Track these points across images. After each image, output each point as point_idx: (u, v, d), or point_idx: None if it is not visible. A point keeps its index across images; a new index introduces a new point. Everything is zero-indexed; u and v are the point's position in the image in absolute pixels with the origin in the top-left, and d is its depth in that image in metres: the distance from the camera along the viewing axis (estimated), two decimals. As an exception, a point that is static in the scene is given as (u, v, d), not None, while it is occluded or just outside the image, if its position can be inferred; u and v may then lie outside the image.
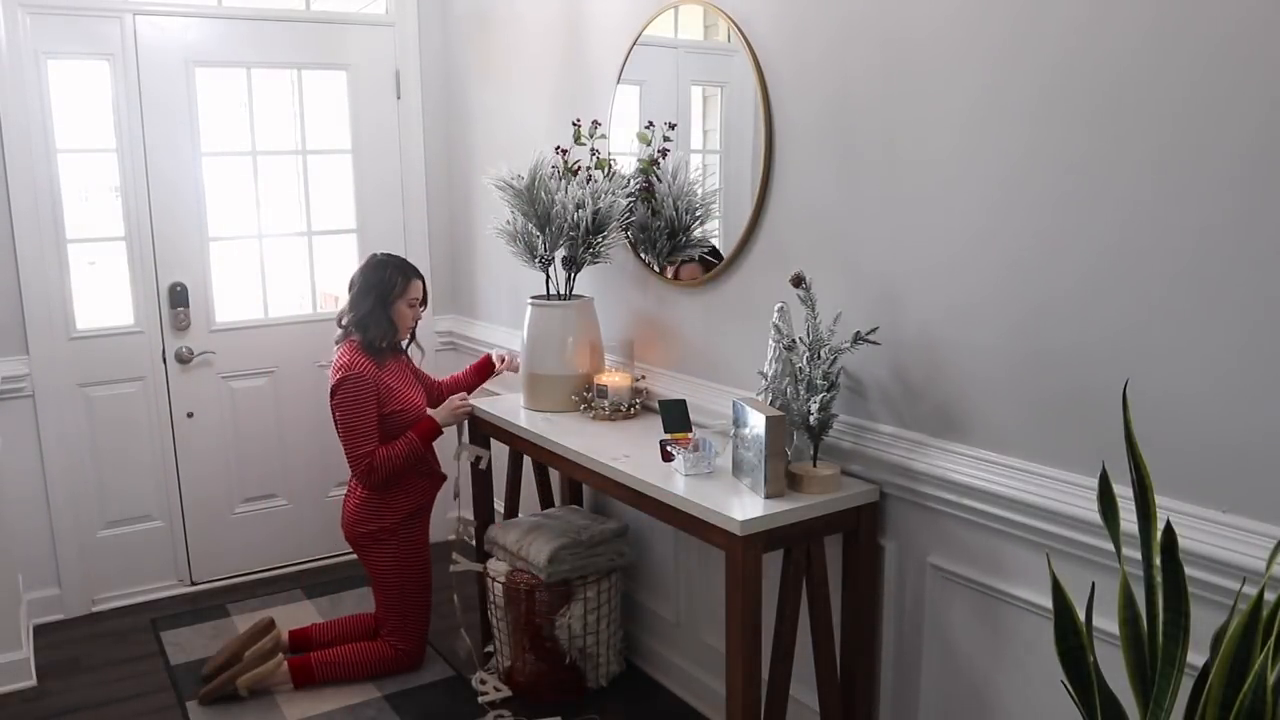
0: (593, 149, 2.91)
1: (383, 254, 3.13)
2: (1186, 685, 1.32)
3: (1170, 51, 1.58)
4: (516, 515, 3.30)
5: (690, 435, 2.42)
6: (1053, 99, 1.77)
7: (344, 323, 3.07)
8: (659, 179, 2.81)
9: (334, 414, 2.98)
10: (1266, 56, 1.46)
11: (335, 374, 2.97)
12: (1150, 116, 1.62)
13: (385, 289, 3.02)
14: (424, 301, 3.14)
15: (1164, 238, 1.63)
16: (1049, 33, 1.77)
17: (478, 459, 3.11)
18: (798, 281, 2.14)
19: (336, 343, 3.09)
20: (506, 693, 2.99)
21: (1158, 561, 1.32)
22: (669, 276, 2.86)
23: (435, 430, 3.06)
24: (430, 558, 3.18)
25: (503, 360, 3.29)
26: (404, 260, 3.12)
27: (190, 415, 3.76)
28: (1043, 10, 1.77)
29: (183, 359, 3.71)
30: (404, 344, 3.17)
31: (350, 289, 3.08)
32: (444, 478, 3.19)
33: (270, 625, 3.21)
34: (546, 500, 3.36)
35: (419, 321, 3.16)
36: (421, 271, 3.14)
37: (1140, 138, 1.64)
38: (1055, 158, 1.78)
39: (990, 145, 1.89)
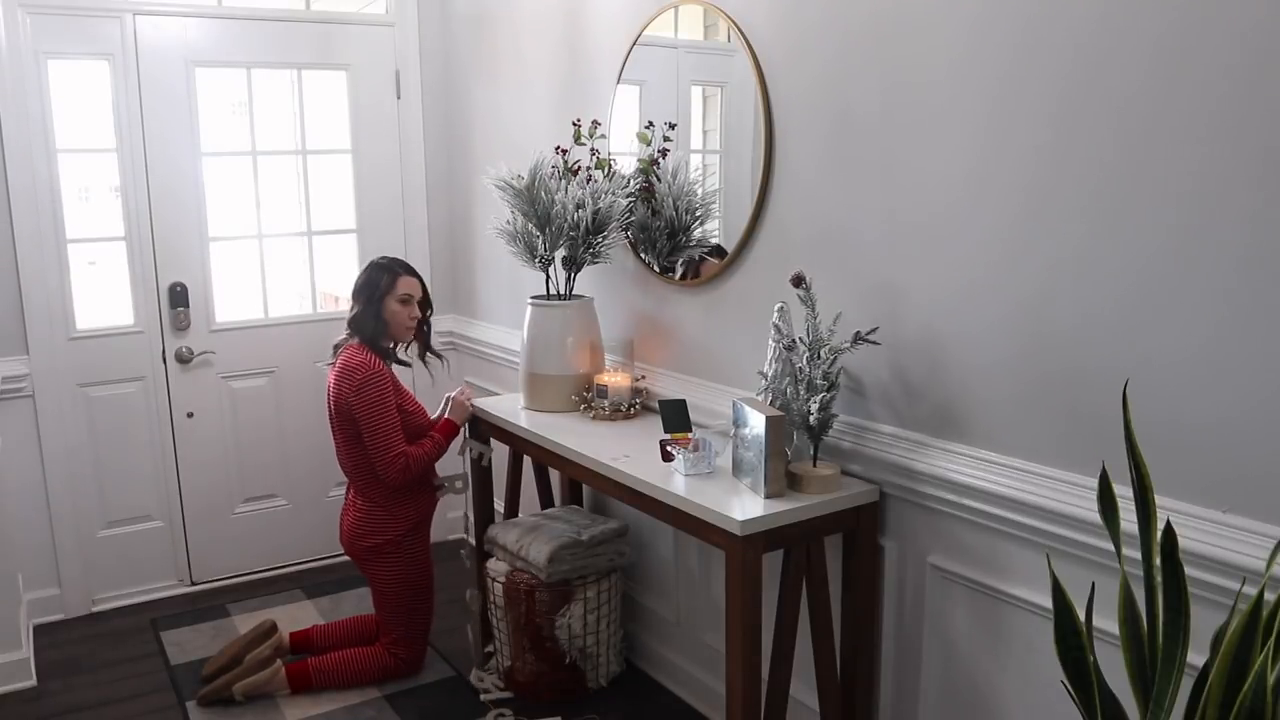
0: (593, 149, 2.91)
1: (379, 257, 3.12)
2: (1186, 685, 1.32)
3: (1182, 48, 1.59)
4: (516, 515, 3.30)
5: (690, 435, 2.41)
6: (1070, 97, 1.77)
7: (347, 326, 3.05)
8: (659, 179, 2.81)
9: (356, 415, 2.91)
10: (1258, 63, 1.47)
11: (351, 375, 2.90)
12: (1171, 116, 1.62)
13: (373, 288, 3.00)
14: (427, 302, 3.10)
15: (1168, 239, 1.63)
16: (1058, 36, 1.77)
17: (480, 455, 3.11)
18: (798, 281, 2.14)
19: (337, 346, 3.04)
20: (506, 694, 2.99)
21: (1158, 561, 1.32)
22: (678, 279, 2.84)
23: (456, 429, 3.07)
24: (433, 567, 3.17)
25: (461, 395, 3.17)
26: (395, 259, 3.09)
27: (190, 415, 3.76)
28: (1050, 13, 1.77)
29: (183, 359, 3.71)
30: (407, 348, 3.11)
31: (351, 294, 3.09)
32: (441, 488, 3.17)
33: (272, 629, 3.20)
34: (546, 500, 3.36)
35: (421, 323, 3.08)
36: (417, 270, 3.10)
37: (1158, 136, 1.64)
38: (1063, 161, 1.78)
39: (997, 146, 1.89)
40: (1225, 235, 1.55)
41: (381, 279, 3.01)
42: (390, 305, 3.01)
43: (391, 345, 3.06)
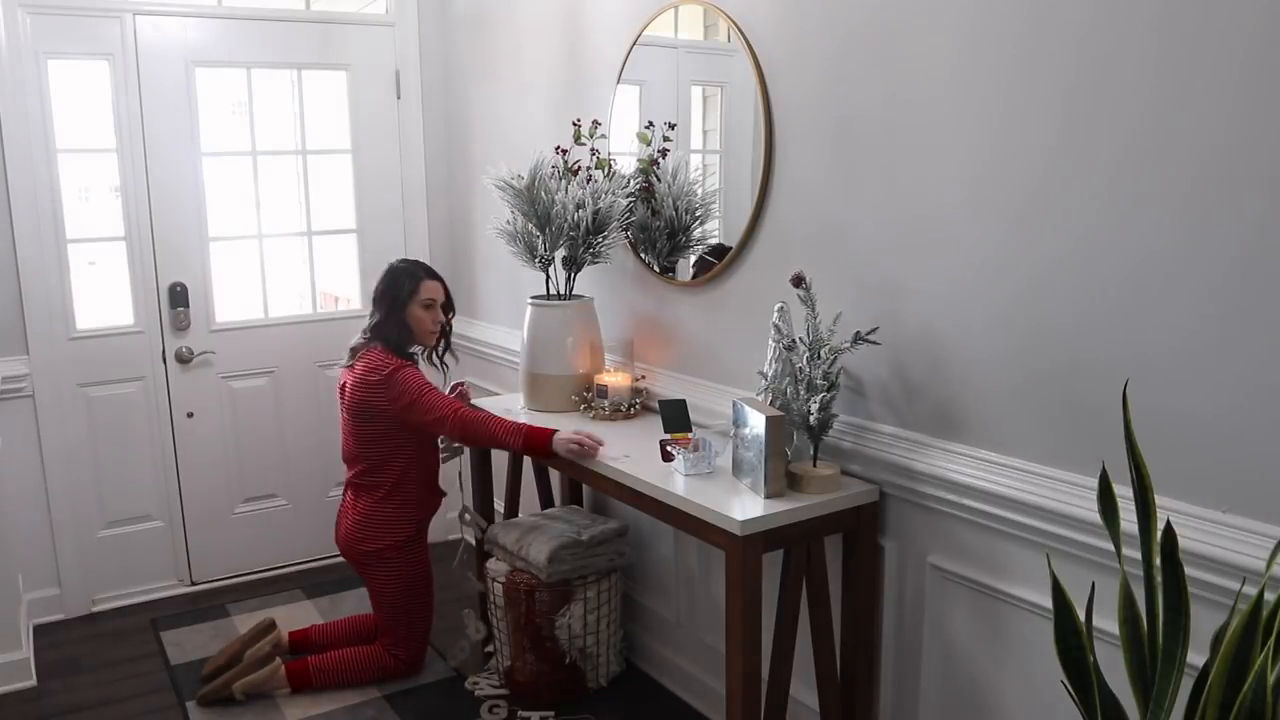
0: (593, 149, 2.91)
1: (398, 260, 3.06)
2: (1186, 685, 1.32)
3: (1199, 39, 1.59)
4: (516, 515, 3.30)
5: (690, 435, 2.42)
6: (1073, 98, 1.77)
7: (366, 332, 2.99)
8: (659, 179, 2.81)
9: (398, 410, 2.83)
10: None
11: (373, 375, 2.85)
12: (1173, 115, 1.62)
13: (396, 294, 2.95)
14: (449, 305, 3.05)
15: (1166, 239, 1.63)
16: (1058, 34, 1.77)
17: (481, 527, 3.11)
18: (798, 281, 2.14)
19: (355, 349, 2.98)
20: (503, 693, 3.00)
21: (1158, 561, 1.32)
22: (690, 279, 2.82)
23: (544, 448, 2.62)
24: (433, 568, 3.15)
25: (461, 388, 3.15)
26: (417, 263, 3.05)
27: (190, 415, 3.76)
28: (1051, 12, 1.77)
29: (183, 359, 3.71)
30: (431, 352, 3.07)
31: (371, 299, 3.02)
32: (444, 494, 3.16)
33: (271, 626, 3.20)
34: (546, 500, 3.36)
35: (445, 325, 3.05)
36: (439, 274, 3.07)
37: (1159, 136, 1.64)
38: (1062, 159, 1.78)
39: (996, 144, 1.89)
40: (1224, 234, 1.55)
41: (404, 285, 2.96)
42: (414, 311, 2.96)
43: (417, 351, 3.01)
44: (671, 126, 2.79)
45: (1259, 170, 1.49)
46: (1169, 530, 1.30)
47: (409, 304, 2.97)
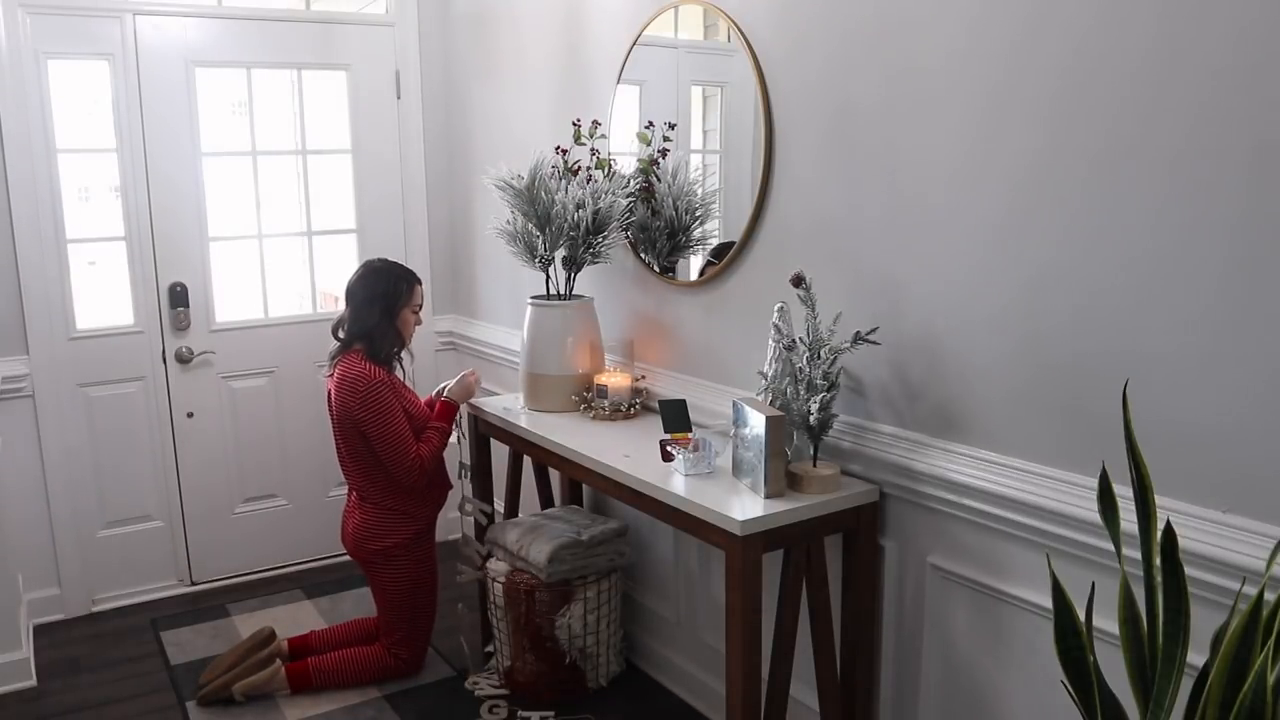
0: (593, 149, 2.91)
1: (379, 261, 3.04)
2: (1186, 685, 1.32)
3: (1191, 43, 1.59)
4: (516, 515, 3.30)
5: (690, 435, 2.41)
6: (1061, 96, 1.77)
7: (344, 335, 2.97)
8: (659, 179, 2.81)
9: (365, 428, 2.87)
10: None
11: (353, 386, 2.85)
12: (1167, 113, 1.62)
13: (391, 299, 2.93)
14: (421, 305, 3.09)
15: (1167, 238, 1.63)
16: (1054, 35, 1.77)
17: (485, 513, 3.11)
18: (798, 281, 2.14)
19: (333, 356, 2.98)
20: (503, 693, 3.00)
21: (1158, 561, 1.32)
22: (696, 279, 2.81)
23: (455, 410, 3.04)
24: (439, 567, 3.16)
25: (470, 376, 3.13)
26: (404, 266, 3.04)
27: (190, 415, 3.76)
28: (1047, 12, 1.77)
29: (183, 359, 3.71)
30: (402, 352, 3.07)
31: (350, 299, 2.97)
32: (450, 486, 3.17)
33: (271, 637, 3.13)
34: (546, 500, 3.36)
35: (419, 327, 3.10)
36: (419, 275, 3.09)
37: (1154, 134, 1.64)
38: (1059, 160, 1.78)
39: (995, 144, 1.89)
40: (1225, 233, 1.55)
41: (401, 290, 2.95)
42: (406, 316, 2.98)
43: (394, 353, 3.01)
44: (671, 126, 2.79)
45: (1259, 169, 1.49)
46: (1169, 530, 1.30)
47: (404, 310, 2.97)
